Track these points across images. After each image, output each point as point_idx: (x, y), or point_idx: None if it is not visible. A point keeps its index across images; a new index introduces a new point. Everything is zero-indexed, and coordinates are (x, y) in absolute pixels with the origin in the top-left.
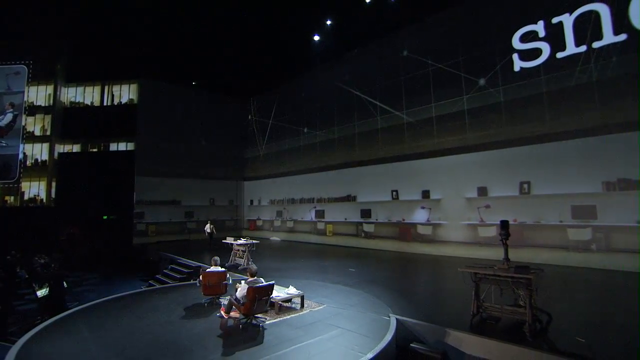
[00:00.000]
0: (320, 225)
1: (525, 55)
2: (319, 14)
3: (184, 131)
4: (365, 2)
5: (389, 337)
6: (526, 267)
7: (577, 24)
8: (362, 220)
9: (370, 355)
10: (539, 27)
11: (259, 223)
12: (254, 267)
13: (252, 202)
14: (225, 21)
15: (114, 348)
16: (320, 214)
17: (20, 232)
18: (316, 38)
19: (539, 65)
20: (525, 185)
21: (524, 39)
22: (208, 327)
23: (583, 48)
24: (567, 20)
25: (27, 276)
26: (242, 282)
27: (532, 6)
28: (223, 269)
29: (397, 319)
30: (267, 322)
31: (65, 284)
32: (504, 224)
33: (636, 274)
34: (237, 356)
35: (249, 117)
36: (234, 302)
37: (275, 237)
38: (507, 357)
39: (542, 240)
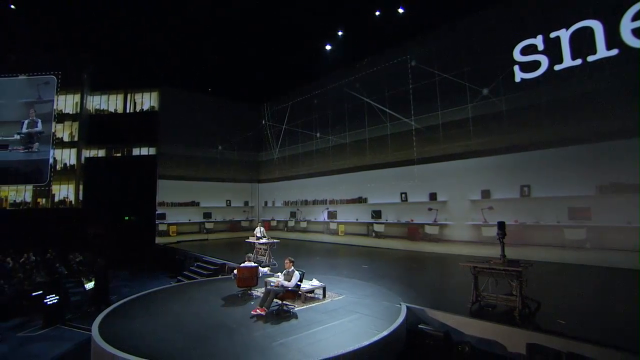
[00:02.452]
0: (333, 226)
1: (526, 67)
2: (330, 25)
3: (202, 136)
4: (375, 14)
5: (400, 320)
6: (516, 261)
7: (573, 39)
8: (372, 220)
9: (386, 332)
10: (538, 41)
11: (273, 223)
12: (291, 258)
13: (266, 203)
14: (240, 31)
15: (173, 328)
16: (332, 215)
17: (52, 232)
18: (328, 47)
19: (538, 77)
20: (526, 189)
21: (524, 52)
22: (246, 312)
23: (579, 61)
24: (564, 35)
25: (66, 272)
26: (282, 273)
27: (532, 21)
28: (255, 264)
29: (407, 306)
30: (295, 309)
31: None
32: (501, 225)
33: (627, 270)
34: (276, 333)
35: (263, 122)
36: (291, 289)
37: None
38: (498, 335)
39: (540, 239)
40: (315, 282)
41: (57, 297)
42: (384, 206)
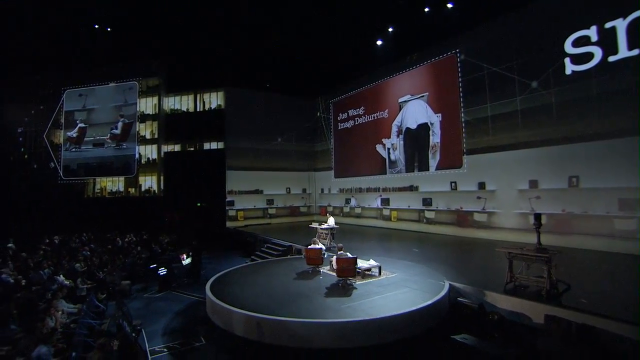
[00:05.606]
0: (386, 212)
1: (577, 59)
2: (381, 21)
3: (264, 130)
4: (424, 10)
5: (443, 293)
6: (545, 248)
7: (630, 28)
8: (423, 208)
9: (430, 302)
10: (592, 32)
11: (330, 209)
12: (340, 244)
13: (322, 190)
14: (296, 31)
15: (264, 294)
16: (385, 202)
17: (141, 216)
18: (379, 43)
19: (590, 69)
20: (574, 179)
21: (577, 43)
22: (317, 285)
23: (635, 52)
24: (621, 25)
25: (159, 250)
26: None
27: (586, 12)
28: (320, 246)
29: (449, 283)
30: (356, 283)
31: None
32: (537, 217)
33: None
34: (343, 300)
35: (317, 114)
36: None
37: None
38: (524, 309)
39: (589, 228)
40: (372, 262)
41: (166, 270)
42: (434, 194)
